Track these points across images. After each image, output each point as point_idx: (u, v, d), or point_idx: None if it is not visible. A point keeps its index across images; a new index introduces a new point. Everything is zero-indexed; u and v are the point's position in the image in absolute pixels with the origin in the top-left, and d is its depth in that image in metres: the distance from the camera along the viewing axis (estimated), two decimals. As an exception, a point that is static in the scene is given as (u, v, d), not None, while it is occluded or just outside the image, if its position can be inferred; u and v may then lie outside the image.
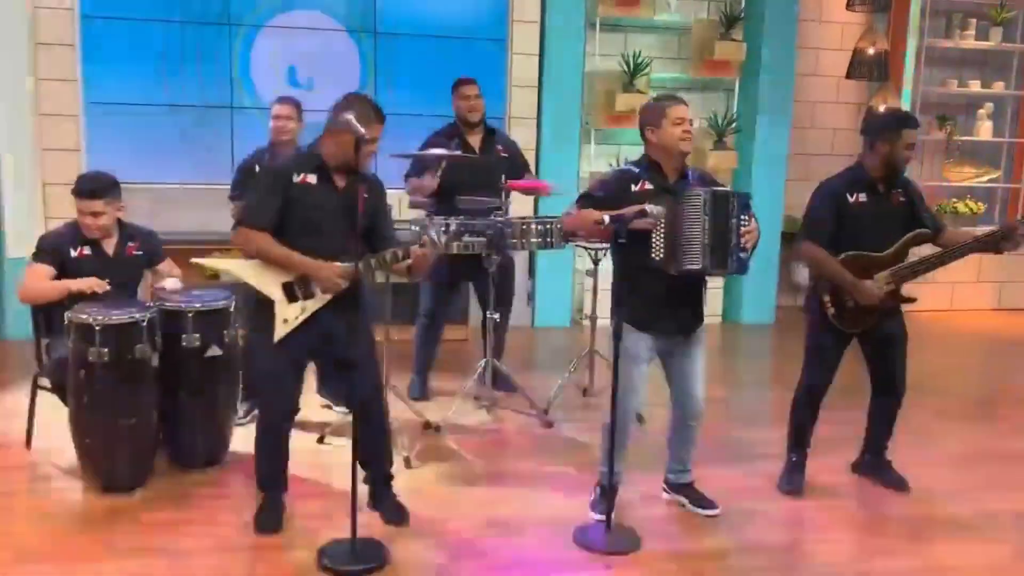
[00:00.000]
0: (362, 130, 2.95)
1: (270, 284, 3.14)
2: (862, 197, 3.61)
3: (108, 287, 3.64)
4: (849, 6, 6.99)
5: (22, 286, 3.73)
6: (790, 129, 7.15)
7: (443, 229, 3.16)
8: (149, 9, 6.05)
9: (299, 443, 3.68)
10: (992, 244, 3.54)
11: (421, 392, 4.90)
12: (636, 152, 6.78)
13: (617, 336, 3.23)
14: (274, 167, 3.26)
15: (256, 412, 4.35)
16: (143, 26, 6.06)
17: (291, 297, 3.14)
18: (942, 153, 7.93)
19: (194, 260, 3.44)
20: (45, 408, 3.95)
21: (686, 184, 3.36)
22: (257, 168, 4.37)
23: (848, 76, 7.19)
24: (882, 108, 7.16)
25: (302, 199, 3.13)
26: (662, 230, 3.23)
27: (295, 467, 3.47)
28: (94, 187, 3.69)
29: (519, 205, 5.89)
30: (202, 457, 3.79)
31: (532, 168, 6.49)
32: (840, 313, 3.61)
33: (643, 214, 3.13)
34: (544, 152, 6.66)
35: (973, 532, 3.53)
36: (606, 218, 3.12)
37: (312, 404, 4.53)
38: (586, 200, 3.40)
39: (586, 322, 5.04)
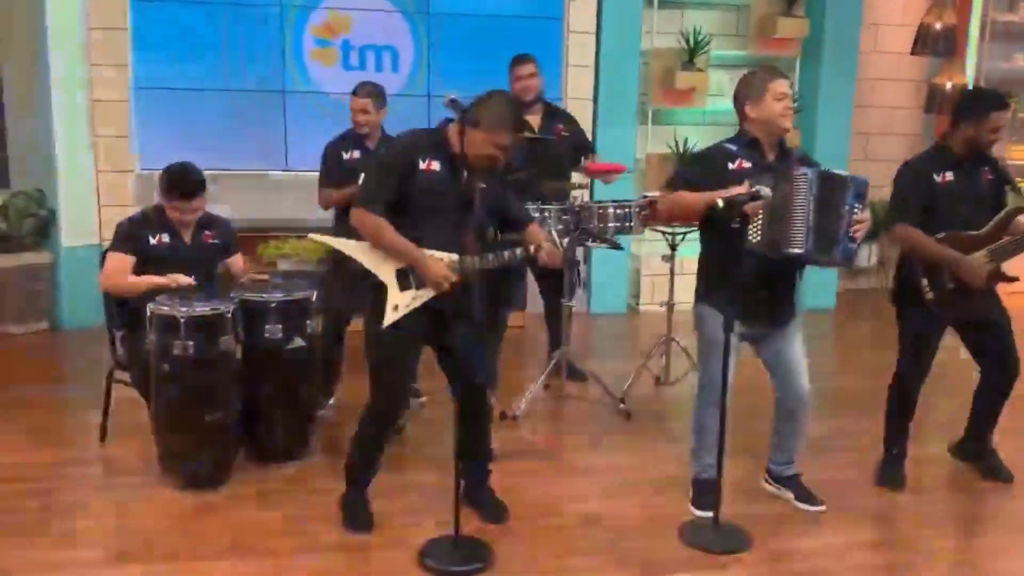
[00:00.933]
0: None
1: (384, 268, 3.03)
2: (949, 176, 3.44)
3: (194, 282, 3.52)
4: (916, -21, 6.73)
5: (104, 274, 3.62)
6: (853, 108, 6.93)
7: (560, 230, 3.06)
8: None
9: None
10: None
11: (491, 380, 4.76)
12: (695, 132, 6.75)
13: (727, 328, 3.07)
14: (400, 148, 3.07)
15: (332, 401, 4.29)
16: (193, 9, 5.92)
17: (404, 284, 3.02)
18: (1006, 130, 7.65)
19: (312, 236, 3.29)
20: (116, 400, 3.87)
21: (787, 162, 3.19)
22: (344, 155, 4.21)
23: (913, 52, 6.94)
24: (948, 86, 6.93)
25: (425, 186, 2.99)
26: (761, 211, 3.07)
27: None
28: (192, 188, 3.56)
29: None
30: (283, 452, 3.68)
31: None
32: (939, 297, 3.43)
33: (756, 196, 2.96)
34: (601, 133, 6.46)
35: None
36: (720, 201, 2.95)
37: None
38: (678, 181, 3.24)
39: (660, 308, 4.87)
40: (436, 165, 3.00)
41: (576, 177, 4.82)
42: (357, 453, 3.21)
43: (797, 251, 3.09)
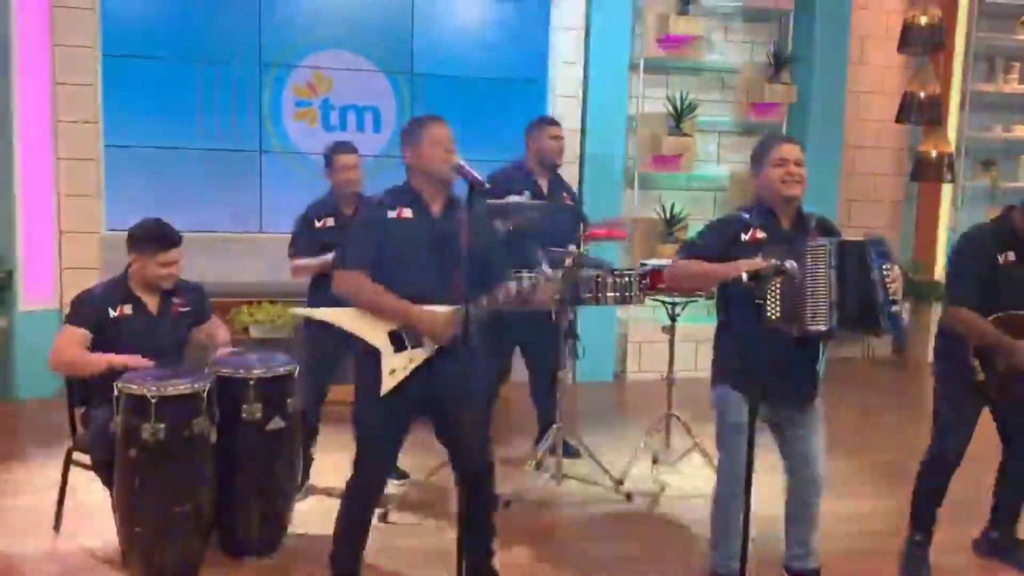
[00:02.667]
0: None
1: (374, 333, 2.86)
2: (1011, 256, 3.24)
3: (152, 365, 3.23)
4: (901, 49, 6.74)
5: (54, 351, 3.29)
6: (839, 175, 6.88)
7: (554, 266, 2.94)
8: (174, 48, 5.71)
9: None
10: None
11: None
12: (681, 197, 6.62)
13: (735, 407, 2.87)
14: (369, 206, 3.02)
15: (307, 486, 3.98)
16: (168, 66, 5.71)
17: (398, 346, 2.85)
18: (987, 199, 7.68)
19: (293, 310, 3.14)
20: (72, 483, 3.52)
21: (803, 232, 3.02)
22: (316, 222, 4.02)
23: (898, 120, 6.93)
24: (934, 154, 6.89)
25: (400, 233, 2.87)
26: (777, 288, 2.87)
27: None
28: (174, 235, 3.37)
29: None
30: (258, 544, 3.35)
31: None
32: (991, 380, 3.23)
33: (781, 270, 2.77)
34: (587, 197, 6.29)
35: None
36: (744, 275, 2.74)
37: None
38: (690, 250, 3.06)
39: (660, 379, 4.64)
40: (407, 212, 2.91)
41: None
42: (341, 535, 2.97)
43: (822, 328, 2.88)
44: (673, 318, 4.40)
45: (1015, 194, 7.67)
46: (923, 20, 6.50)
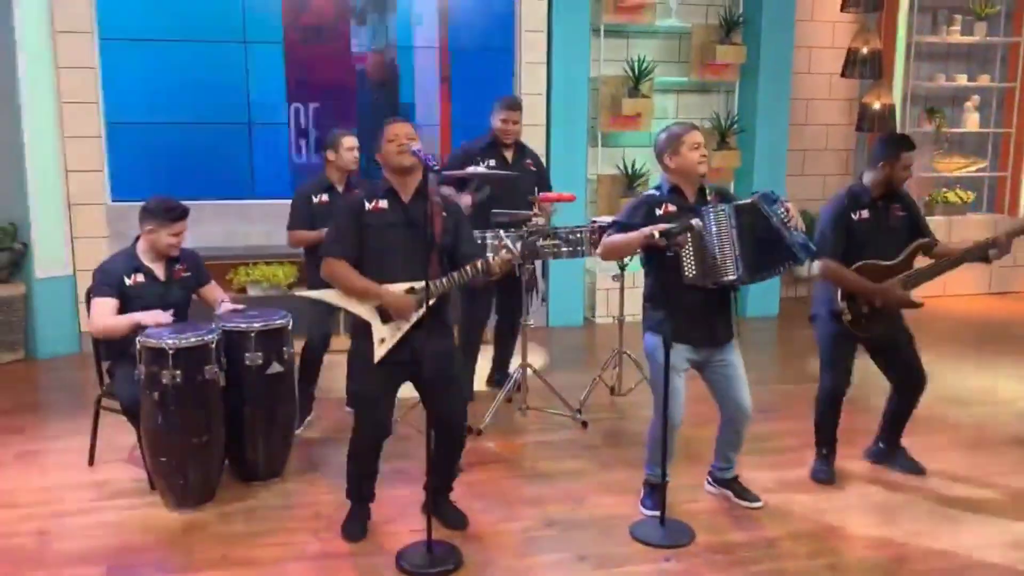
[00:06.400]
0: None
1: (364, 307, 3.35)
2: (864, 214, 3.87)
3: (172, 319, 3.80)
4: (844, 8, 7.20)
5: (92, 322, 3.84)
6: (788, 126, 7.38)
7: (518, 239, 3.37)
8: (165, 30, 6.16)
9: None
10: (982, 253, 3.81)
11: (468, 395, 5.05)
12: (642, 154, 7.14)
13: (666, 349, 3.43)
14: (348, 198, 3.52)
15: (309, 420, 4.60)
16: (160, 47, 6.17)
17: (385, 317, 3.34)
18: (932, 145, 8.20)
19: (299, 293, 3.65)
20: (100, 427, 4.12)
21: (704, 201, 3.58)
22: (313, 199, 4.60)
23: (843, 75, 7.42)
24: (877, 105, 7.40)
25: (376, 222, 3.35)
26: (691, 249, 3.43)
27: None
28: (182, 209, 3.86)
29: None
30: (265, 470, 3.96)
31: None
32: (856, 320, 3.84)
33: (688, 228, 3.34)
34: (554, 157, 6.82)
35: (998, 513, 3.78)
36: (656, 232, 3.33)
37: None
38: (618, 227, 3.61)
39: (613, 322, 5.23)
40: (383, 203, 3.37)
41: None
42: (348, 473, 3.52)
43: (731, 278, 3.45)
44: (622, 268, 4.97)
45: (958, 138, 8.24)
46: (863, -21, 6.95)
